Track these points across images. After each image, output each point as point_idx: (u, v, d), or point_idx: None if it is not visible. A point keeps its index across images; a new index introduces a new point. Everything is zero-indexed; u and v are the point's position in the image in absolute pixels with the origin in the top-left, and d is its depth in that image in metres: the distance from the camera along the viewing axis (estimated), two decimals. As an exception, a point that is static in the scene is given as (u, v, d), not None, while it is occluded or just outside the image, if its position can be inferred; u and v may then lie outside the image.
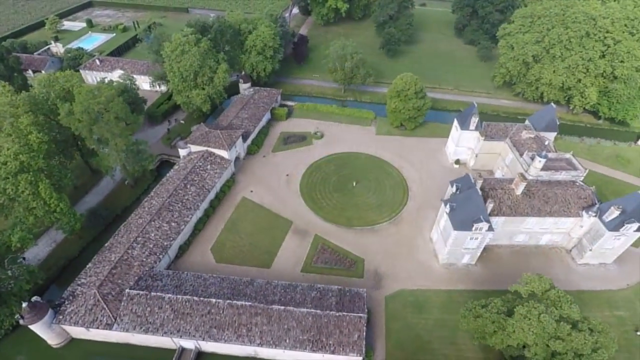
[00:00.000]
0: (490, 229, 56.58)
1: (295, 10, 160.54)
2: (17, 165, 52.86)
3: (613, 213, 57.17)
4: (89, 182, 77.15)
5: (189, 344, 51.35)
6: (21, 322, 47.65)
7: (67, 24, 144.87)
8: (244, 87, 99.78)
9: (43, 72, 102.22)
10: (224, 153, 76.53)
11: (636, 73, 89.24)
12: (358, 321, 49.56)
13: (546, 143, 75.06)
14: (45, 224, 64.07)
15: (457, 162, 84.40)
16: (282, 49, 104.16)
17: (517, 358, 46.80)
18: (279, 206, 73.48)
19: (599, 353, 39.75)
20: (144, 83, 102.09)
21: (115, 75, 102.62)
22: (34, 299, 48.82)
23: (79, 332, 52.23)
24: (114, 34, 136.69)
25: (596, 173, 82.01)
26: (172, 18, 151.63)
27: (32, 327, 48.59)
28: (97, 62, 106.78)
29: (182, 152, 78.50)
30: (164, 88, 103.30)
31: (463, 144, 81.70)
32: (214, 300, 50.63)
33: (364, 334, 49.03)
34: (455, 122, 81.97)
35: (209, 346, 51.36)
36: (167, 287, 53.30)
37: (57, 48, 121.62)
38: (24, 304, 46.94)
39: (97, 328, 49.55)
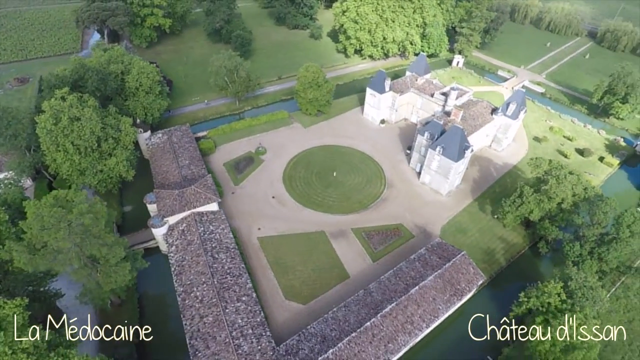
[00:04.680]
0: (472, 150, 74.48)
1: (97, 37, 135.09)
2: None
3: (512, 108, 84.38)
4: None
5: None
6: None
7: None
8: (144, 136, 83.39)
9: None
10: (213, 206, 66.26)
11: (434, 18, 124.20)
12: (464, 258, 59.10)
13: (434, 82, 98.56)
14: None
15: (382, 121, 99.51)
16: (165, 82, 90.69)
17: (544, 218, 66.97)
18: (298, 225, 71.12)
19: (590, 187, 63.07)
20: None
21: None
22: None
23: None
24: None
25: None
26: None
27: None
28: None
29: (160, 231, 63.08)
30: (29, 182, 75.26)
31: (383, 106, 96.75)
32: (368, 323, 49.59)
33: (474, 263, 59.24)
34: (370, 91, 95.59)
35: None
36: (316, 348, 47.87)
37: None
38: None
39: None
